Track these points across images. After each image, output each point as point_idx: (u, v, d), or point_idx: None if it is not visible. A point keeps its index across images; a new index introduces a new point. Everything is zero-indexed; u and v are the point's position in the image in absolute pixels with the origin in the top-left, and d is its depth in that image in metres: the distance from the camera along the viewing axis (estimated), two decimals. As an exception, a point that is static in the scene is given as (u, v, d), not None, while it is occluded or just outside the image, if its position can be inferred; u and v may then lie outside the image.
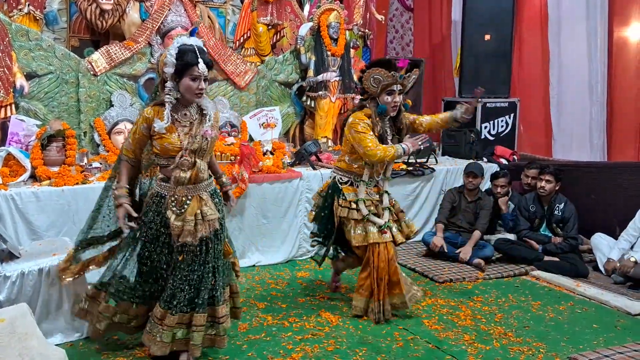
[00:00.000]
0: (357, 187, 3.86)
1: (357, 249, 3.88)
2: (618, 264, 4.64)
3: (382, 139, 3.79)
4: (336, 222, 3.88)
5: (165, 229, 3.02)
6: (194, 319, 3.01)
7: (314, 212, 4.15)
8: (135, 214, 3.05)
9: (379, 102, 3.76)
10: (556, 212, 5.04)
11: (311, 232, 4.37)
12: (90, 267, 3.29)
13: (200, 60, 2.90)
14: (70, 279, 3.25)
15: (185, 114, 3.01)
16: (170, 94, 2.93)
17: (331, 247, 4.15)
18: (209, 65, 2.97)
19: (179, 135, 2.95)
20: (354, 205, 3.78)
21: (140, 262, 3.15)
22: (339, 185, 3.88)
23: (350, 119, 3.80)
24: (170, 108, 2.94)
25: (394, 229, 3.87)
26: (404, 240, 3.96)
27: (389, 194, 3.99)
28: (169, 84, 2.93)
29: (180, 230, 2.93)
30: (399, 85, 3.72)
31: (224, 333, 3.17)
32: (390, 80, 3.69)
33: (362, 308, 3.83)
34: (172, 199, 2.98)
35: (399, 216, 4.02)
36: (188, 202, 2.97)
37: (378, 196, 3.94)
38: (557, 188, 5.07)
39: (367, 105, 3.81)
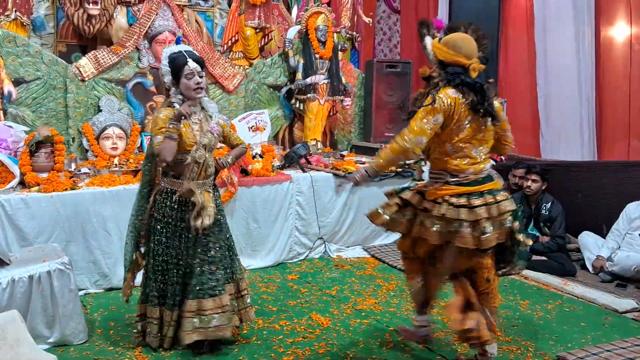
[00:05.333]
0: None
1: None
2: (607, 263, 4.71)
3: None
4: None
5: (181, 222, 3.26)
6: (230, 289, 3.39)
7: None
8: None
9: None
10: (543, 211, 5.08)
11: None
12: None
13: (189, 59, 3.19)
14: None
15: (195, 113, 3.27)
16: (176, 98, 3.24)
17: None
18: (200, 62, 3.24)
19: (192, 130, 3.23)
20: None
21: (156, 260, 3.31)
22: None
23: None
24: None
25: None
26: None
27: None
28: (172, 91, 3.27)
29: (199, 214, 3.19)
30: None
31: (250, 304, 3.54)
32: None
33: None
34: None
35: None
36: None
37: None
38: (543, 187, 5.11)
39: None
